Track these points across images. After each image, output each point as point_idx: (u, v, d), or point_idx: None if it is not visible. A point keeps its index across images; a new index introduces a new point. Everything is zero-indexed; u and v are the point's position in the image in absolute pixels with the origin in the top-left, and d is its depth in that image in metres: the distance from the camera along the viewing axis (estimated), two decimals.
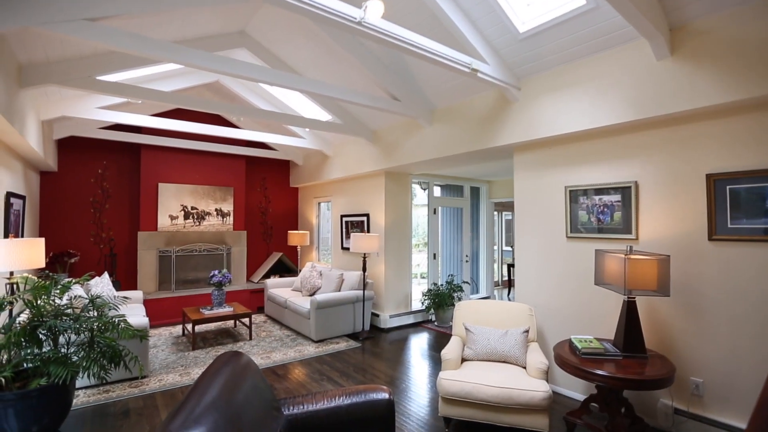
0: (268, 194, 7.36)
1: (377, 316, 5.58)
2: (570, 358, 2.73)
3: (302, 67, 4.75)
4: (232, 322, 5.66)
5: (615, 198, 3.23)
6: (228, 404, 1.63)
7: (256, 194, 7.20)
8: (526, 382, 2.69)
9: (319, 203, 7.24)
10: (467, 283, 6.36)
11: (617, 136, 3.20)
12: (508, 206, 9.34)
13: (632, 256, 2.64)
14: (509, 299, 7.92)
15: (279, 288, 6.09)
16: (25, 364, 2.73)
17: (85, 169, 5.66)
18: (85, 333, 2.91)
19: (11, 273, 3.06)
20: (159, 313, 5.54)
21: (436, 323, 5.80)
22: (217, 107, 4.39)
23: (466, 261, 6.76)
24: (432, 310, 5.72)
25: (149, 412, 3.12)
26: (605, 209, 3.31)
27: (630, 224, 3.13)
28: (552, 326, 3.59)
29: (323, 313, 4.90)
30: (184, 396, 1.55)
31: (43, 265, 3.23)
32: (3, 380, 2.58)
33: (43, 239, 3.23)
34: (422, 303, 5.77)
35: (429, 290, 5.79)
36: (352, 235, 5.16)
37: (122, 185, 5.91)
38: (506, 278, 8.72)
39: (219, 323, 5.58)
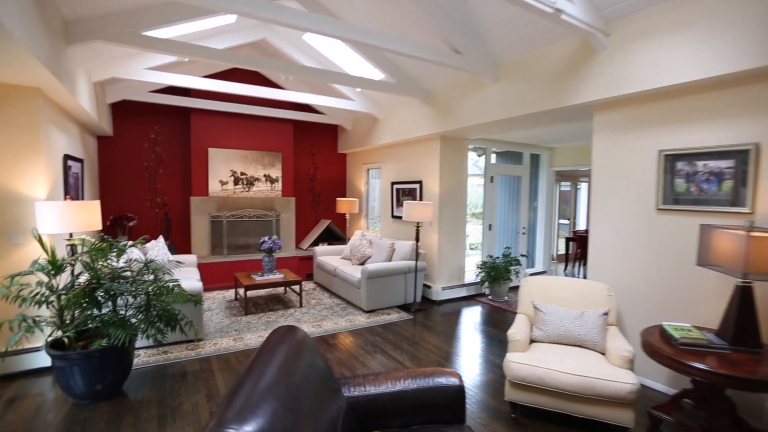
0: (316, 160, 7.17)
1: (429, 287, 5.33)
2: (663, 348, 2.31)
3: (353, 17, 4.33)
4: (282, 288, 5.66)
5: (725, 164, 2.63)
6: (286, 388, 1.42)
7: (304, 160, 7.04)
8: (608, 371, 2.31)
9: (368, 170, 6.96)
10: (525, 256, 5.89)
11: (732, 88, 2.56)
12: (567, 175, 8.56)
13: (757, 234, 2.12)
14: (565, 275, 7.37)
15: (328, 256, 5.99)
16: (89, 324, 2.77)
17: (139, 133, 5.72)
18: (141, 296, 2.89)
19: (70, 235, 3.09)
20: (212, 277, 5.65)
21: (490, 297, 5.46)
22: (266, 64, 4.12)
23: (523, 233, 6.25)
24: (486, 284, 5.37)
25: (205, 376, 3.12)
26: (711, 177, 2.72)
27: (743, 195, 2.54)
28: (634, 309, 3.12)
29: (374, 283, 4.72)
30: (239, 377, 1.36)
31: (99, 227, 3.22)
32: (66, 340, 2.62)
33: (98, 202, 3.21)
34: (476, 276, 5.43)
35: (484, 263, 5.42)
36: (404, 202, 4.85)
37: (174, 150, 5.95)
38: (563, 253, 8.10)
39: (269, 289, 5.60)
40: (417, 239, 4.92)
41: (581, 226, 9.22)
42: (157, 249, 4.26)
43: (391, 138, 5.76)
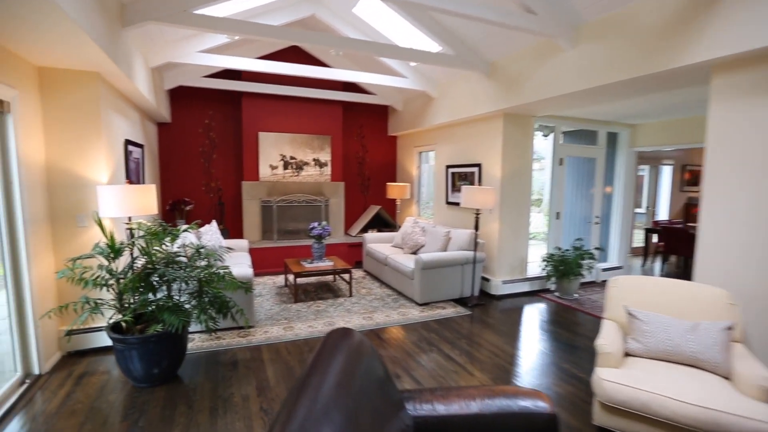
0: (365, 143, 6.95)
1: (487, 280, 4.95)
2: None
3: None
4: (331, 276, 5.57)
5: None
6: (347, 403, 1.21)
7: (353, 143, 6.85)
8: (741, 404, 1.85)
9: (420, 153, 6.62)
10: (600, 249, 5.29)
11: None
12: (646, 157, 7.62)
13: None
14: (642, 272, 6.61)
15: (378, 243, 5.79)
16: (146, 308, 2.77)
17: (194, 119, 5.81)
18: (193, 282, 2.85)
19: (129, 219, 3.11)
20: (262, 262, 5.68)
21: (557, 294, 4.97)
22: (319, 39, 3.91)
23: (596, 223, 5.62)
24: (553, 279, 4.88)
25: (256, 366, 3.05)
26: None
27: None
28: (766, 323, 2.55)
29: (429, 274, 4.44)
30: (297, 388, 1.17)
31: (155, 211, 3.22)
32: (124, 324, 2.63)
33: (153, 186, 3.20)
34: (543, 269, 4.95)
35: (551, 255, 4.92)
36: (463, 187, 4.48)
37: (227, 135, 6.00)
38: (639, 246, 7.29)
39: (319, 277, 5.53)
40: (476, 228, 4.54)
41: (661, 216, 8.25)
42: (211, 234, 4.29)
43: (446, 117, 5.36)
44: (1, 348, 2.74)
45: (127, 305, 2.71)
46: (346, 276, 5.19)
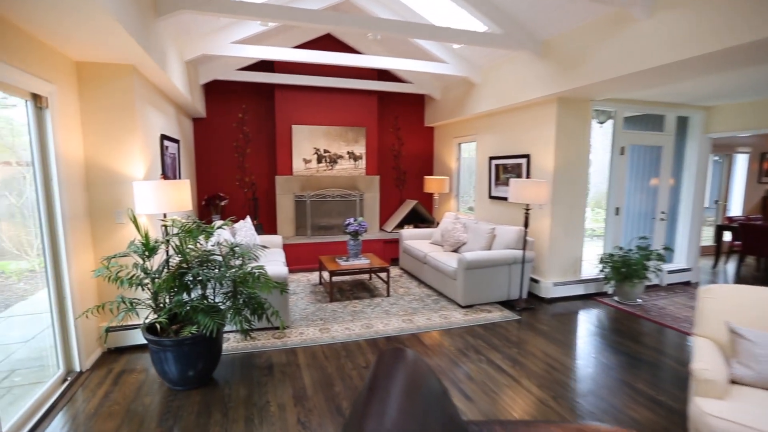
0: (401, 135, 6.72)
1: (536, 282, 4.62)
2: None
3: None
4: (367, 274, 5.42)
5: None
6: (413, 425, 1.04)
7: (388, 135, 6.64)
8: None
9: (459, 144, 6.31)
10: (669, 249, 4.78)
11: None
12: (718, 145, 6.88)
13: None
14: (713, 273, 5.99)
15: (415, 240, 5.57)
16: (180, 309, 2.71)
17: (228, 114, 5.81)
18: (228, 282, 2.76)
19: (164, 215, 3.07)
20: (296, 258, 5.62)
21: (616, 298, 4.56)
22: (357, 21, 3.71)
23: (662, 219, 5.11)
24: (613, 282, 4.47)
25: (292, 371, 2.93)
26: None
27: None
28: None
29: (473, 274, 4.17)
30: (357, 415, 1.00)
31: (190, 207, 3.17)
32: (158, 326, 2.59)
33: (188, 181, 3.15)
34: (600, 271, 4.55)
35: (610, 255, 4.51)
36: (512, 181, 4.16)
37: (260, 129, 5.97)
38: (709, 245, 6.63)
39: (354, 275, 5.39)
40: (526, 225, 4.22)
41: (734, 211, 7.47)
42: (245, 230, 4.24)
43: (490, 105, 5.03)
44: (45, 343, 2.78)
45: (162, 305, 2.67)
46: (383, 275, 5.02)
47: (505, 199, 5.10)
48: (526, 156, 4.74)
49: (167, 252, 2.94)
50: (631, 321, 4.00)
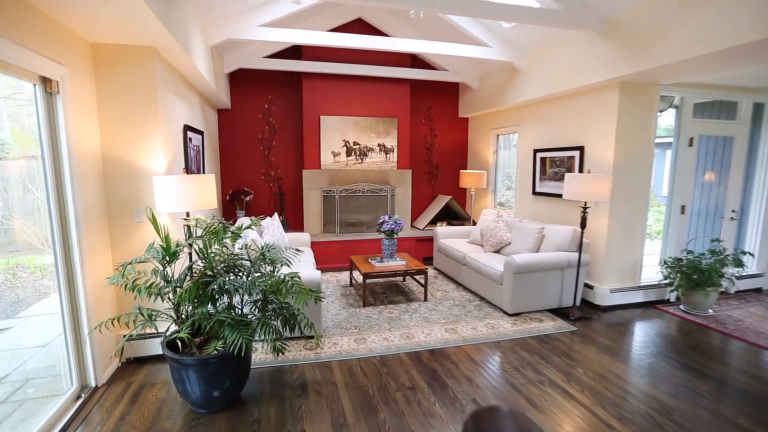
0: (434, 126, 6.23)
1: (590, 288, 4.10)
2: None
3: None
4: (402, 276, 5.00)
5: None
6: None
7: (420, 127, 6.16)
8: None
9: (497, 136, 5.78)
10: (748, 254, 4.16)
11: None
12: None
13: None
14: None
15: (452, 239, 5.11)
16: (204, 323, 2.36)
17: (254, 104, 5.46)
18: (257, 291, 2.39)
19: (187, 214, 2.72)
20: (324, 257, 5.25)
21: (682, 308, 4.00)
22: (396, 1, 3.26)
23: (732, 219, 4.49)
24: (679, 289, 3.91)
25: (329, 392, 2.55)
26: None
27: None
28: None
29: (522, 279, 3.70)
30: None
31: (214, 205, 2.81)
32: (179, 342, 2.23)
33: (213, 175, 2.78)
34: (666, 277, 4.00)
35: (677, 260, 3.96)
36: (568, 176, 3.65)
37: (287, 121, 5.59)
38: None
39: (389, 278, 4.99)
40: (583, 225, 3.70)
41: None
42: (273, 228, 3.87)
43: (537, 92, 4.49)
44: (61, 349, 2.48)
45: (184, 316, 2.31)
46: (420, 277, 4.59)
47: (551, 195, 4.58)
48: (579, 148, 4.20)
49: (190, 256, 2.60)
50: (706, 336, 3.45)
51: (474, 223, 5.76)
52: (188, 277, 2.32)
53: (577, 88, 4.02)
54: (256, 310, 2.45)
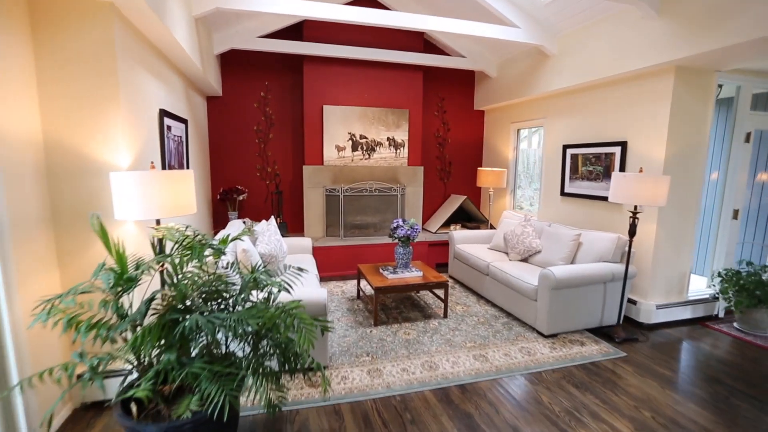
0: (447, 119, 5.58)
1: (633, 303, 3.51)
2: None
3: None
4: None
5: None
6: None
7: (432, 120, 5.51)
8: None
9: (518, 130, 5.15)
10: None
11: None
12: None
13: None
14: None
15: (470, 244, 4.48)
16: (173, 373, 1.71)
17: (248, 92, 4.77)
18: (245, 328, 1.74)
19: (157, 222, 2.06)
20: (328, 264, 4.61)
21: (736, 325, 3.43)
22: None
23: None
24: (736, 305, 3.33)
25: None
26: None
27: None
28: None
29: (561, 295, 3.09)
30: None
31: (193, 209, 2.15)
32: (134, 406, 1.58)
33: (190, 172, 2.12)
34: (720, 292, 3.41)
35: (736, 273, 3.37)
36: (616, 175, 3.02)
37: (285, 110, 4.91)
38: None
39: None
40: (632, 233, 3.09)
41: None
42: (269, 234, 3.22)
43: (571, 80, 3.86)
44: None
45: (146, 362, 1.67)
46: (440, 290, 3.95)
47: (584, 196, 3.97)
48: (621, 143, 3.58)
49: (162, 279, 1.94)
50: (762, 353, 2.88)
51: (492, 227, 5.14)
52: (151, 310, 1.66)
53: (622, 74, 3.39)
54: (246, 346, 1.81)
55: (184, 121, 3.39)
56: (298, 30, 4.60)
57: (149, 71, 2.64)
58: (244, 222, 4.47)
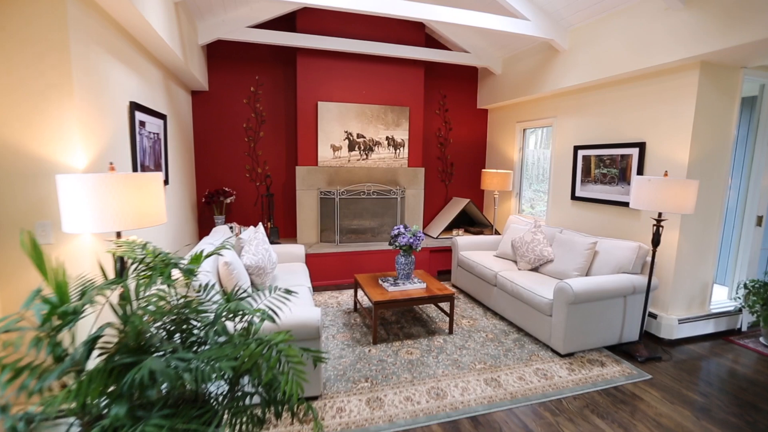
0: (449, 118, 5.26)
1: (653, 317, 3.22)
2: None
3: None
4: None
5: None
6: None
7: (434, 118, 5.19)
8: None
9: (524, 130, 4.84)
10: None
11: None
12: None
13: None
14: None
15: (474, 251, 4.16)
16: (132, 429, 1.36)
17: (237, 87, 4.41)
18: (217, 369, 1.41)
19: (117, 234, 1.71)
20: (322, 272, 4.26)
21: (763, 340, 3.15)
22: None
23: None
24: (765, 320, 3.06)
25: None
26: None
27: None
28: None
29: (579, 310, 2.78)
30: None
31: (163, 219, 1.80)
32: None
33: (159, 174, 1.77)
34: (750, 304, 3.13)
35: (762, 284, 3.09)
36: (638, 179, 2.72)
37: (277, 107, 4.56)
38: None
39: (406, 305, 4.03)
40: (656, 242, 2.80)
41: None
42: (256, 242, 2.87)
43: (585, 76, 3.57)
44: None
45: (92, 411, 1.32)
46: (445, 303, 3.63)
47: (597, 201, 3.67)
48: (639, 144, 3.29)
49: (122, 304, 1.59)
50: None
51: (497, 232, 4.83)
52: (97, 350, 1.32)
53: (641, 70, 3.10)
54: (223, 382, 1.47)
55: (162, 116, 3.03)
56: (291, 20, 4.26)
57: (118, 58, 2.28)
58: (230, 227, 4.12)
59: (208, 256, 1.59)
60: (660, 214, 2.75)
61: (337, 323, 3.34)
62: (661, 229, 2.78)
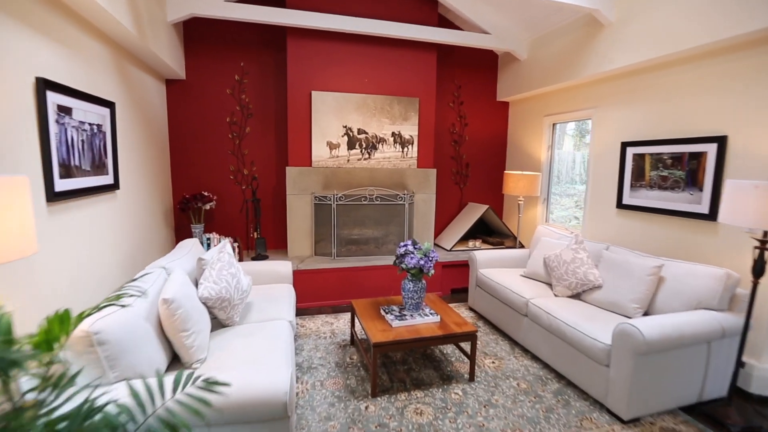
0: (464, 112, 4.51)
1: (740, 365, 2.43)
2: None
3: None
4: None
5: None
6: None
7: (447, 112, 4.44)
8: None
9: (553, 125, 4.06)
10: None
11: None
12: None
13: None
14: None
15: (497, 269, 3.39)
16: None
17: (219, 75, 3.72)
18: None
19: None
20: (316, 291, 3.55)
21: None
22: None
23: None
24: None
25: None
26: None
27: None
28: None
29: (651, 362, 2.02)
30: None
31: (33, 250, 1.11)
32: None
33: (23, 178, 1.06)
34: None
35: None
36: (734, 184, 1.94)
37: (265, 98, 3.87)
38: None
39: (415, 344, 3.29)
40: (758, 272, 2.01)
41: None
42: (219, 267, 2.15)
43: (640, 55, 2.79)
44: None
45: None
46: (466, 343, 2.88)
47: (654, 211, 2.89)
48: (717, 139, 2.50)
49: None
50: None
51: (521, 245, 4.06)
52: None
53: (718, 42, 2.32)
54: None
55: (107, 104, 2.35)
56: None
57: (20, 20, 1.60)
58: (207, 239, 3.43)
59: (88, 315, 0.88)
60: (765, 234, 1.97)
61: (328, 363, 2.61)
62: (766, 252, 1.99)
